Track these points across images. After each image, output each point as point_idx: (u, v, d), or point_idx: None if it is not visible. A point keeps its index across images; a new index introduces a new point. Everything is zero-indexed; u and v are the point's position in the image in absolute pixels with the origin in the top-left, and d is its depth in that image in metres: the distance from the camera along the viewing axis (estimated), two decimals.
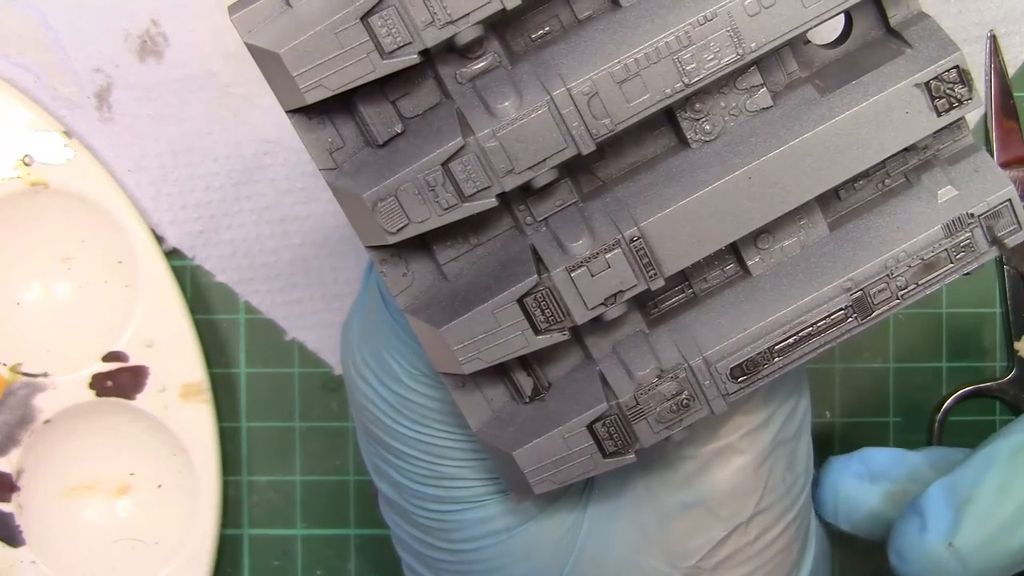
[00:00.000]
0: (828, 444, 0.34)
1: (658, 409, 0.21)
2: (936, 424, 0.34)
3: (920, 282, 0.21)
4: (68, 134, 0.32)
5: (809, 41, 0.22)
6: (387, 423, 0.24)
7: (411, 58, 0.19)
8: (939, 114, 0.21)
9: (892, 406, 0.34)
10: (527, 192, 0.21)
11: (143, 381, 0.32)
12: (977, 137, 0.33)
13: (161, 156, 0.33)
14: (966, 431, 0.34)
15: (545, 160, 0.20)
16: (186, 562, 0.33)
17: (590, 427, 0.21)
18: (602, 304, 0.20)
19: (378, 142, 0.21)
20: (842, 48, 0.22)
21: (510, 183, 0.20)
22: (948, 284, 0.22)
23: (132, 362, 0.32)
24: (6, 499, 0.32)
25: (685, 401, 0.21)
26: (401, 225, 0.20)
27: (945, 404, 0.33)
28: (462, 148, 0.19)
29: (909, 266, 0.21)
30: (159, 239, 0.33)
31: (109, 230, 0.32)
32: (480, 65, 0.20)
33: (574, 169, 0.21)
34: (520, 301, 0.20)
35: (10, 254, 0.32)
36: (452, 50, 0.20)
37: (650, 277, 0.20)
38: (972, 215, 0.21)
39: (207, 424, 0.32)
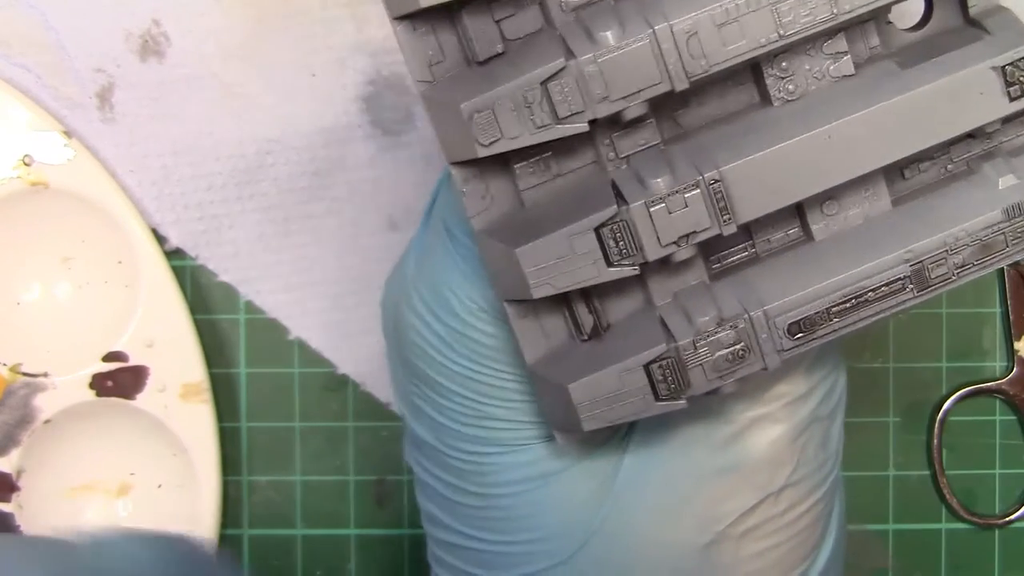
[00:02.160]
0: None
1: (714, 357, 0.21)
2: (936, 424, 0.33)
3: (977, 261, 0.22)
4: (68, 134, 0.32)
5: (891, 22, 0.22)
6: (437, 358, 0.24)
7: None
8: (1011, 99, 0.21)
9: (892, 406, 0.34)
10: (614, 126, 0.21)
11: (143, 381, 0.32)
12: None
13: (163, 156, 0.33)
14: (966, 431, 0.34)
15: (639, 92, 0.20)
16: None
17: (647, 367, 0.21)
18: (675, 243, 0.21)
19: (478, 59, 0.21)
20: (921, 32, 0.23)
21: (603, 110, 0.20)
22: (1004, 265, 0.22)
23: (132, 362, 0.32)
24: (6, 499, 0.32)
25: (741, 352, 0.21)
26: (494, 139, 0.20)
27: (945, 404, 0.33)
28: (562, 70, 0.20)
29: (968, 245, 0.22)
30: (162, 239, 0.33)
31: (109, 230, 0.32)
32: None
33: (659, 112, 0.21)
34: (597, 230, 0.20)
35: (10, 254, 0.32)
36: None
37: (724, 221, 0.21)
38: None
39: (207, 424, 0.32)
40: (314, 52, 0.32)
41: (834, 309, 0.21)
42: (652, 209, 0.20)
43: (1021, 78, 0.21)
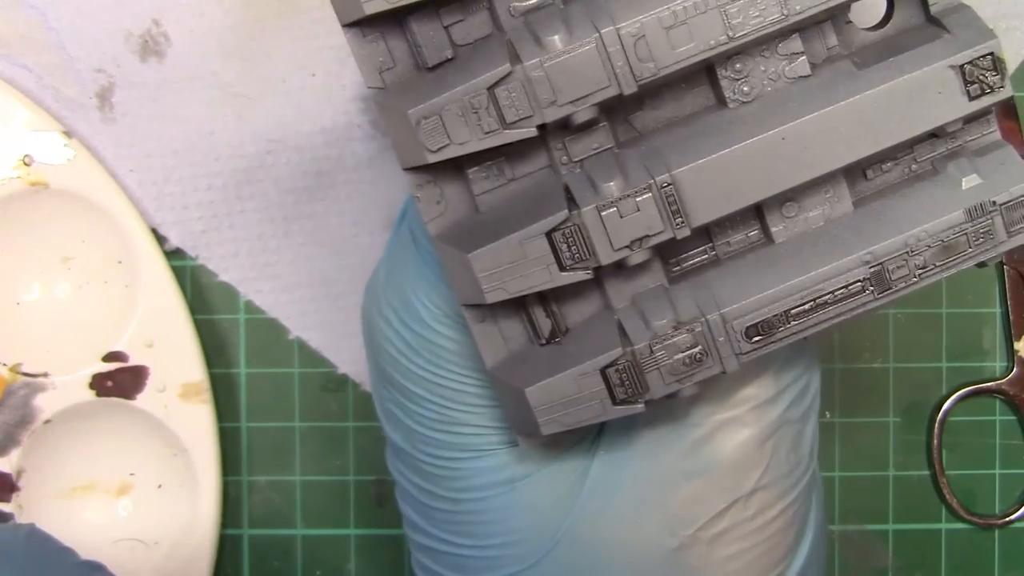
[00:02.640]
0: (828, 444, 0.33)
1: (671, 360, 0.21)
2: (936, 424, 0.33)
3: (939, 263, 0.21)
4: (68, 134, 0.31)
5: (851, 21, 0.22)
6: (404, 363, 0.24)
7: None
8: (971, 98, 0.21)
9: (892, 406, 0.33)
10: (565, 130, 0.21)
11: (143, 381, 0.32)
12: None
13: (163, 156, 0.32)
14: (966, 431, 0.33)
15: (587, 96, 0.20)
16: (186, 562, 0.32)
17: (603, 371, 0.21)
18: (627, 247, 0.20)
19: (428, 65, 0.21)
20: (881, 32, 0.22)
21: (551, 115, 0.20)
22: (963, 270, 0.21)
23: (132, 362, 0.32)
24: (6, 499, 0.32)
25: (699, 355, 0.21)
26: (442, 144, 0.20)
27: (945, 404, 0.33)
28: (509, 75, 0.20)
29: (929, 246, 0.21)
30: (162, 239, 0.32)
31: (109, 230, 0.31)
32: (534, 0, 0.21)
33: (613, 115, 0.21)
34: (549, 235, 0.20)
35: (10, 254, 0.32)
36: None
37: (677, 225, 0.20)
38: (994, 203, 0.21)
39: (207, 424, 0.32)
40: (314, 52, 0.32)
41: (793, 311, 0.21)
42: (603, 213, 0.20)
43: (981, 77, 0.21)
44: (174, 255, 0.33)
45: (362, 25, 0.20)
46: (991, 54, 0.21)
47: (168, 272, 0.32)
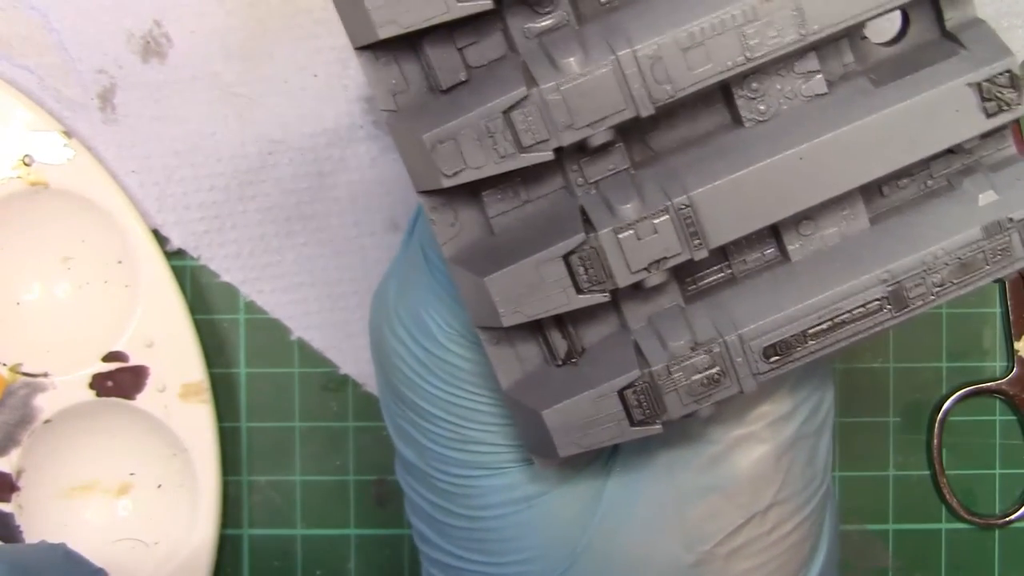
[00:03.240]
0: None
1: (689, 381, 0.21)
2: (936, 424, 0.33)
3: (956, 280, 0.21)
4: (68, 134, 0.31)
5: (866, 37, 0.22)
6: (417, 382, 0.24)
7: (485, 3, 0.19)
8: (988, 116, 0.20)
9: (892, 406, 0.33)
10: (581, 152, 0.20)
11: (143, 381, 0.31)
12: None
13: (165, 157, 0.32)
14: (966, 431, 0.33)
15: (604, 119, 0.20)
16: (186, 562, 0.32)
17: (621, 393, 0.20)
18: (645, 269, 0.20)
19: (442, 87, 0.20)
20: (897, 47, 0.22)
21: (568, 138, 0.20)
22: (980, 287, 0.21)
23: (132, 362, 0.31)
24: (6, 499, 0.32)
25: (716, 376, 0.21)
26: (457, 169, 0.19)
27: (945, 404, 0.33)
28: (525, 98, 0.19)
29: (946, 264, 0.21)
30: (164, 240, 0.32)
31: (109, 230, 0.31)
32: (549, 21, 0.20)
33: (629, 136, 0.21)
34: (565, 258, 0.20)
35: (10, 254, 0.32)
36: (523, 2, 0.20)
37: (695, 247, 0.20)
38: (1012, 220, 0.21)
39: (207, 424, 0.32)
40: (316, 53, 0.32)
41: (810, 331, 0.21)
42: (621, 236, 0.20)
43: (998, 94, 0.20)
44: (175, 256, 0.32)
45: (375, 48, 0.20)
46: (1008, 71, 0.20)
47: (168, 272, 0.31)
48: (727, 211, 0.20)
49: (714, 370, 0.20)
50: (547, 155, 0.19)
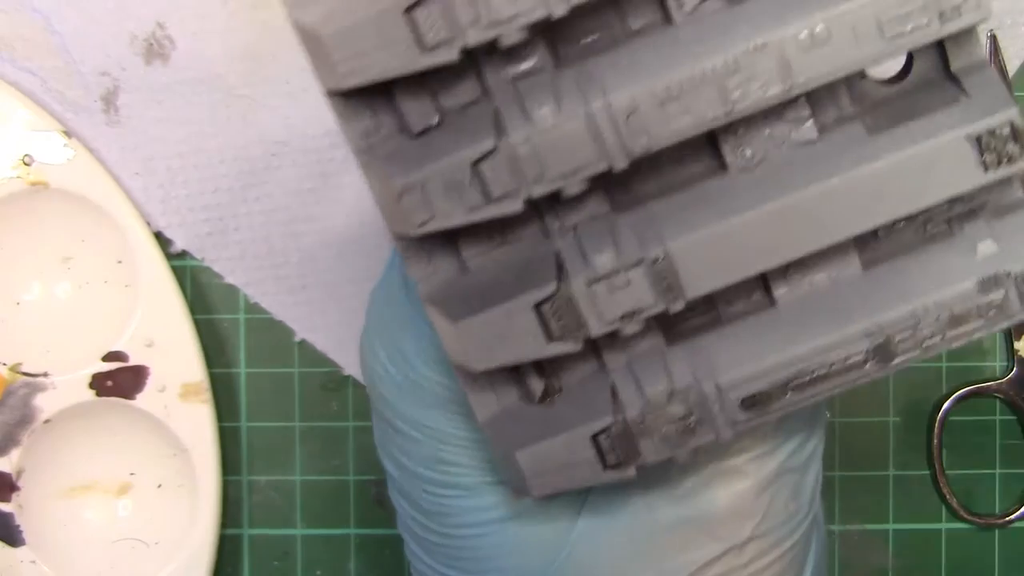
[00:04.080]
0: (828, 444, 0.32)
1: (664, 429, 0.20)
2: (936, 424, 0.32)
3: (946, 335, 0.20)
4: (68, 134, 0.31)
5: (866, 76, 0.20)
6: (395, 403, 0.23)
7: (451, 56, 0.18)
8: (987, 169, 0.19)
9: (892, 406, 0.32)
10: (558, 198, 0.19)
11: (143, 381, 0.31)
12: None
13: (169, 159, 0.31)
14: (966, 431, 0.32)
15: (576, 171, 0.18)
16: (186, 562, 0.31)
17: (594, 438, 0.20)
18: (619, 320, 0.19)
19: (413, 131, 0.19)
20: (899, 87, 0.20)
21: (538, 190, 0.18)
22: (973, 340, 0.20)
23: (132, 362, 0.31)
24: (6, 499, 0.31)
25: (692, 425, 0.20)
26: (425, 219, 0.19)
27: (945, 404, 0.32)
28: (493, 150, 0.18)
29: (937, 317, 0.19)
30: (168, 242, 0.32)
31: (109, 230, 0.31)
32: (524, 66, 0.19)
33: (609, 180, 0.20)
34: (537, 307, 0.19)
35: (10, 254, 0.31)
36: (496, 49, 0.18)
37: (671, 299, 0.19)
38: (1009, 274, 0.19)
39: (207, 424, 0.31)
40: None
41: (791, 383, 0.19)
42: (593, 287, 0.19)
43: (998, 146, 0.19)
44: (176, 256, 0.32)
45: (345, 94, 0.19)
46: (1011, 124, 0.19)
47: (168, 272, 0.31)
48: (706, 262, 0.19)
49: (691, 418, 0.20)
50: (517, 207, 0.18)
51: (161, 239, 0.31)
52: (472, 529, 0.23)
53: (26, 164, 0.30)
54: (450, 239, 0.20)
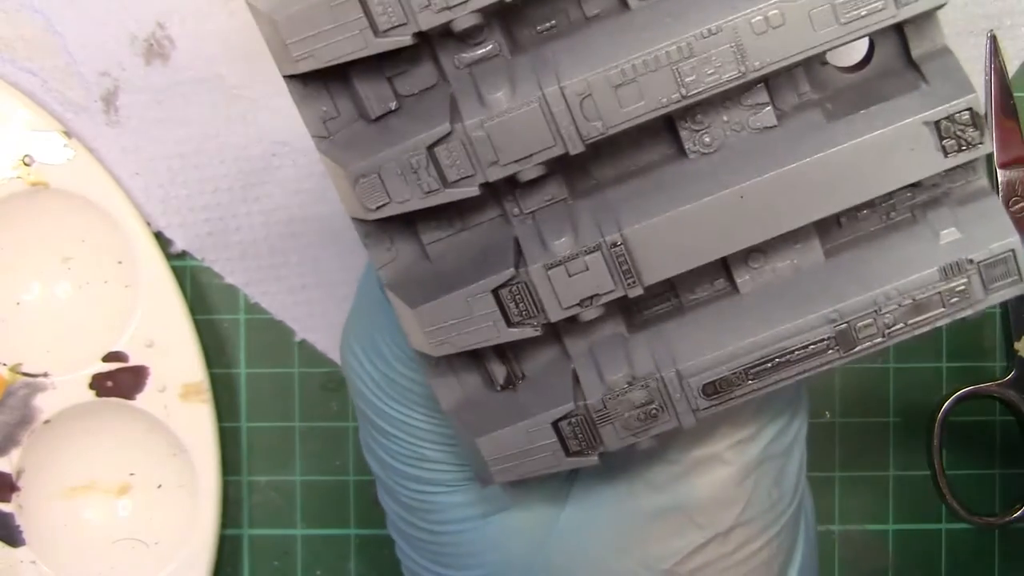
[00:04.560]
0: (828, 444, 0.32)
1: (625, 415, 0.20)
2: (936, 424, 0.31)
3: (908, 322, 0.19)
4: (68, 134, 0.31)
5: (827, 63, 0.20)
6: (375, 402, 0.23)
7: (404, 39, 0.18)
8: (946, 155, 0.19)
9: (892, 406, 0.32)
10: (515, 184, 0.19)
11: (143, 381, 0.31)
12: None
13: (169, 159, 0.31)
14: (966, 432, 0.32)
15: (531, 156, 0.18)
16: (186, 562, 0.31)
17: (555, 424, 0.20)
18: (577, 305, 0.19)
19: (371, 117, 0.19)
20: (860, 74, 0.20)
21: (494, 174, 0.19)
22: (936, 328, 0.20)
23: (132, 362, 0.31)
24: (6, 499, 0.31)
25: (654, 411, 0.20)
26: (381, 203, 0.19)
27: (945, 404, 0.31)
28: (449, 134, 0.18)
29: (899, 304, 0.19)
30: (168, 242, 0.31)
31: (109, 230, 0.31)
32: (480, 52, 0.19)
33: (568, 165, 0.20)
34: (495, 292, 0.19)
35: (10, 254, 0.31)
36: (451, 34, 0.18)
37: (629, 284, 0.19)
38: (971, 261, 0.19)
39: (207, 424, 0.31)
40: None
41: (752, 370, 0.19)
42: (551, 272, 0.19)
43: (958, 132, 0.19)
44: (176, 256, 0.32)
45: (303, 78, 0.19)
46: (969, 109, 0.19)
47: (168, 272, 0.31)
48: (663, 248, 0.19)
49: (652, 405, 0.19)
50: (473, 191, 0.18)
51: (161, 239, 0.31)
52: (455, 525, 0.23)
53: (26, 164, 0.30)
54: (410, 225, 0.20)
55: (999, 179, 0.30)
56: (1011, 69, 0.31)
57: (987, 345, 0.32)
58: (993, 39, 0.30)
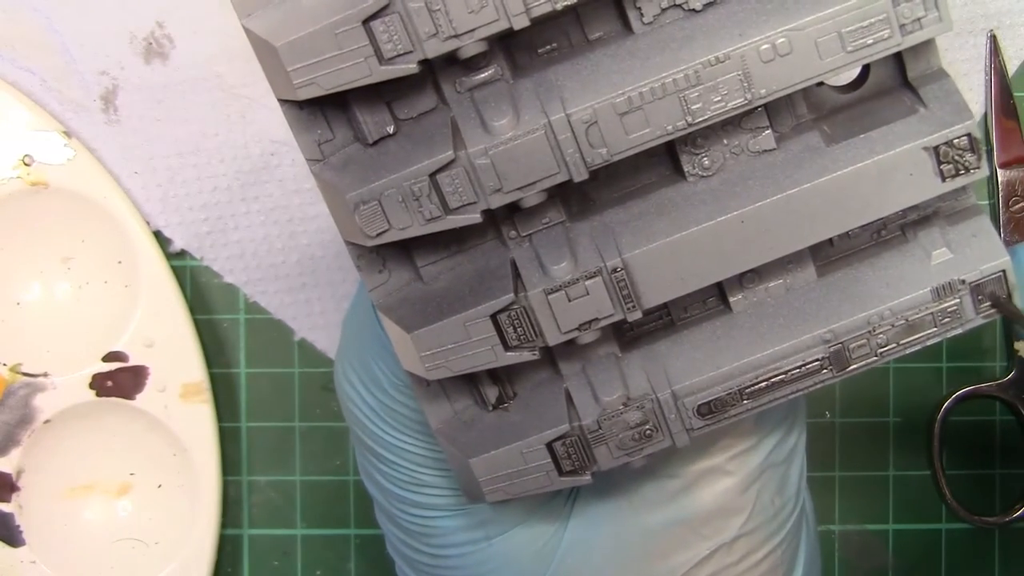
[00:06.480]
0: (828, 444, 0.32)
1: (620, 436, 0.20)
2: (936, 424, 0.31)
3: (901, 342, 0.20)
4: (68, 134, 0.30)
5: (823, 83, 0.20)
6: (372, 428, 0.23)
7: (410, 67, 0.17)
8: (944, 179, 0.19)
9: (892, 406, 0.32)
10: (514, 208, 0.19)
11: (143, 381, 0.30)
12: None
13: (168, 158, 0.31)
14: (966, 431, 0.32)
15: (535, 183, 0.18)
16: (186, 562, 0.31)
17: (549, 445, 0.19)
18: (576, 329, 0.19)
19: (368, 141, 0.19)
20: (856, 94, 0.20)
21: (496, 201, 0.18)
22: (928, 346, 0.20)
23: (132, 362, 0.30)
24: (6, 499, 0.31)
25: (648, 431, 0.20)
26: (381, 230, 0.18)
27: (945, 404, 0.31)
28: (452, 162, 0.18)
29: (892, 325, 0.19)
30: (167, 241, 0.31)
31: (109, 230, 0.30)
32: (482, 76, 0.18)
33: (566, 187, 0.19)
34: (493, 317, 0.18)
35: (10, 254, 0.31)
36: (455, 60, 0.18)
37: (628, 308, 0.19)
38: (963, 281, 0.19)
39: (207, 424, 0.31)
40: None
41: (746, 390, 0.19)
42: (551, 297, 0.19)
43: (956, 156, 0.19)
44: (176, 256, 0.32)
45: (299, 103, 0.18)
46: (968, 135, 0.19)
47: (168, 272, 0.31)
48: (663, 273, 0.19)
49: (646, 425, 0.19)
50: (475, 218, 0.18)
51: (161, 238, 0.31)
52: (457, 548, 0.23)
53: (26, 164, 0.30)
54: (403, 247, 0.19)
55: (999, 179, 0.30)
56: (1011, 69, 0.30)
57: (987, 345, 0.32)
58: (993, 39, 0.30)
